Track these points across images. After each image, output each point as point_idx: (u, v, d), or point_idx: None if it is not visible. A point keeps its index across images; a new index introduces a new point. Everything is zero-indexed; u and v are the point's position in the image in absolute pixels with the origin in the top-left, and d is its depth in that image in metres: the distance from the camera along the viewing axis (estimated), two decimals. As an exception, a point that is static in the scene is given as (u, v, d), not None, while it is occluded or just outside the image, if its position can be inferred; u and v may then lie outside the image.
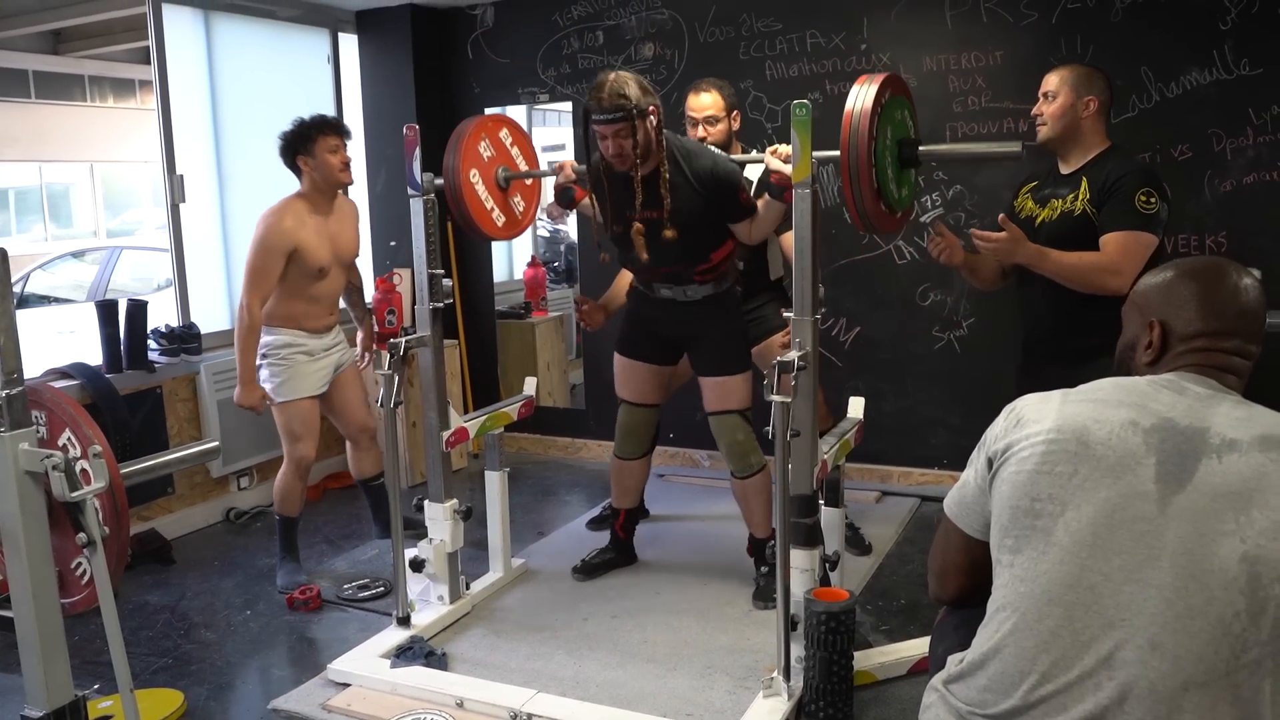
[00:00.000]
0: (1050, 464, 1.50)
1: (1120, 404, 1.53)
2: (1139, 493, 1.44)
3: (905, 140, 2.75)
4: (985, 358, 4.34)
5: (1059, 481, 1.49)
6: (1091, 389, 1.58)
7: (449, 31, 5.31)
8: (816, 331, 2.73)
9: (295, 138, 3.67)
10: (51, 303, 8.60)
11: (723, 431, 3.43)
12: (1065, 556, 1.46)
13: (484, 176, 3.46)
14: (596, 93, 3.01)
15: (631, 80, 3.03)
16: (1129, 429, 1.49)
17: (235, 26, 4.75)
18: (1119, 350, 1.75)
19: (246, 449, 4.52)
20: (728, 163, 3.23)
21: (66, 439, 2.13)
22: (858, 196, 2.61)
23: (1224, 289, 1.60)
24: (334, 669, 3.00)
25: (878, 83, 2.59)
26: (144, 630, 3.41)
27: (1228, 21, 3.86)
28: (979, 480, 1.66)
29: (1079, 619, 1.44)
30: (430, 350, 3.34)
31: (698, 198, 3.18)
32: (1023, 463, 1.54)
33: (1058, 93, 3.00)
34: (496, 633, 3.30)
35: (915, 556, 3.86)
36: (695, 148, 3.26)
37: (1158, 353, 1.63)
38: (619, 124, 3.01)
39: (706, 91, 3.66)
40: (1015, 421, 1.60)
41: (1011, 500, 1.54)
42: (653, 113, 3.07)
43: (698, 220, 3.21)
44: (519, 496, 4.61)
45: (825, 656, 2.59)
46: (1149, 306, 1.66)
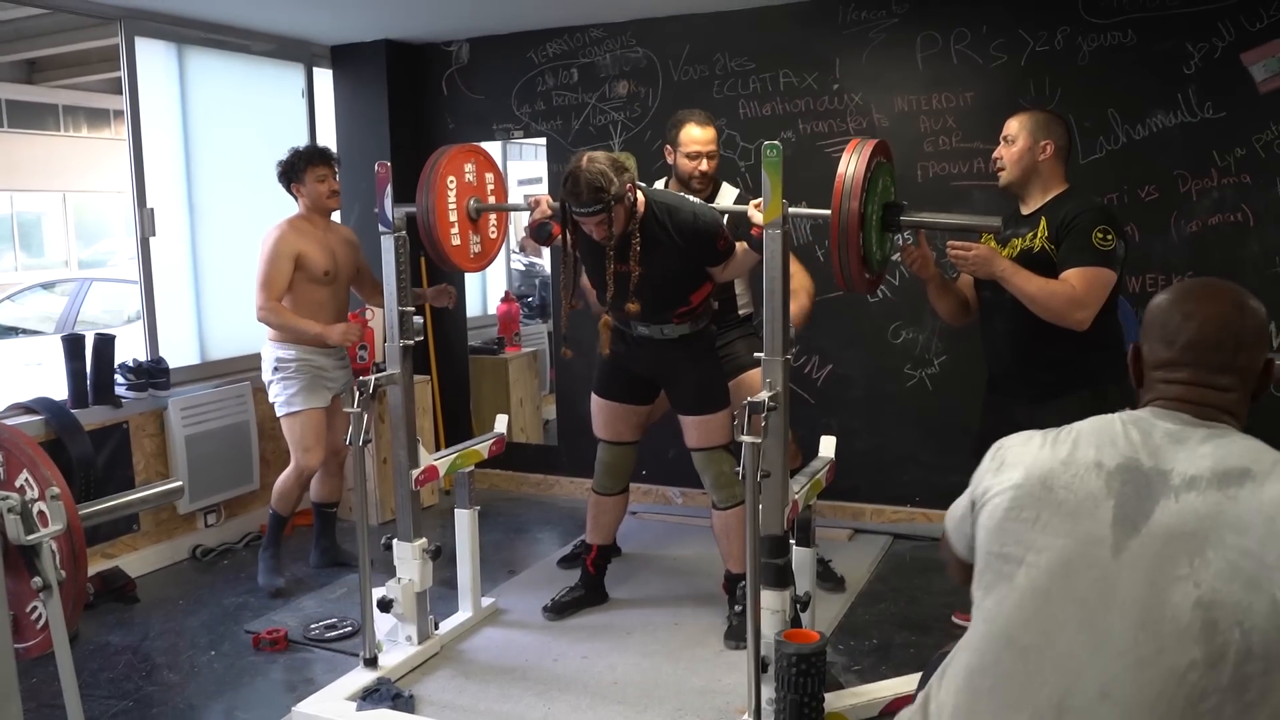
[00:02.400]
0: (1016, 510, 1.50)
1: (1090, 444, 1.50)
2: (1095, 538, 1.42)
3: (890, 205, 2.80)
4: (957, 395, 4.35)
5: (1024, 528, 1.48)
6: (1072, 429, 1.56)
7: (424, 67, 5.32)
8: (788, 371, 2.73)
9: (288, 166, 4.03)
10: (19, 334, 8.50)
11: (708, 465, 3.44)
12: (1023, 601, 1.45)
13: (458, 197, 3.47)
14: (573, 186, 3.04)
15: (605, 165, 3.05)
16: (1093, 471, 1.47)
17: (208, 60, 4.74)
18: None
19: (213, 485, 4.46)
20: (707, 212, 3.26)
21: (24, 479, 2.09)
22: (844, 260, 2.65)
23: (1178, 315, 1.54)
24: (299, 712, 2.95)
25: (869, 150, 2.64)
26: (104, 672, 3.34)
27: (1191, 66, 3.93)
28: (965, 514, 1.66)
29: (1032, 663, 1.42)
30: (400, 388, 3.31)
31: (679, 251, 3.22)
32: (994, 510, 1.53)
33: (1016, 137, 3.05)
34: (465, 674, 3.26)
35: (887, 595, 3.85)
36: (675, 201, 3.28)
37: (1138, 380, 1.61)
38: (599, 214, 3.06)
39: (707, 126, 3.68)
40: (998, 465, 1.59)
41: (984, 545, 1.54)
42: (629, 190, 3.11)
43: (677, 271, 3.25)
44: (490, 534, 4.57)
45: (796, 699, 2.56)
46: (1144, 327, 1.60)
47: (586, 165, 3.04)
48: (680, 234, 3.21)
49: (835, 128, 4.50)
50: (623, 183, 3.06)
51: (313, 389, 3.99)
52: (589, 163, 3.04)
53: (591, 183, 3.01)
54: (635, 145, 4.91)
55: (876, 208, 2.70)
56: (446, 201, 3.40)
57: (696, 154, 3.66)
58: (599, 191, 3.01)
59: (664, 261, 3.20)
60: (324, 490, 4.24)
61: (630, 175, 3.12)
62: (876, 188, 2.70)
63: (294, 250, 3.91)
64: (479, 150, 3.63)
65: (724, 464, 3.41)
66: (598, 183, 3.01)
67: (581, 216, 3.10)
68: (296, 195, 4.04)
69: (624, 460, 3.65)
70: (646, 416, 3.68)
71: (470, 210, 3.52)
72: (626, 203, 3.09)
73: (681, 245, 3.22)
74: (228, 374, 4.73)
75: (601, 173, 3.02)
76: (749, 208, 3.01)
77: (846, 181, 2.59)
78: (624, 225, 3.12)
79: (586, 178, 3.02)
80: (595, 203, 3.03)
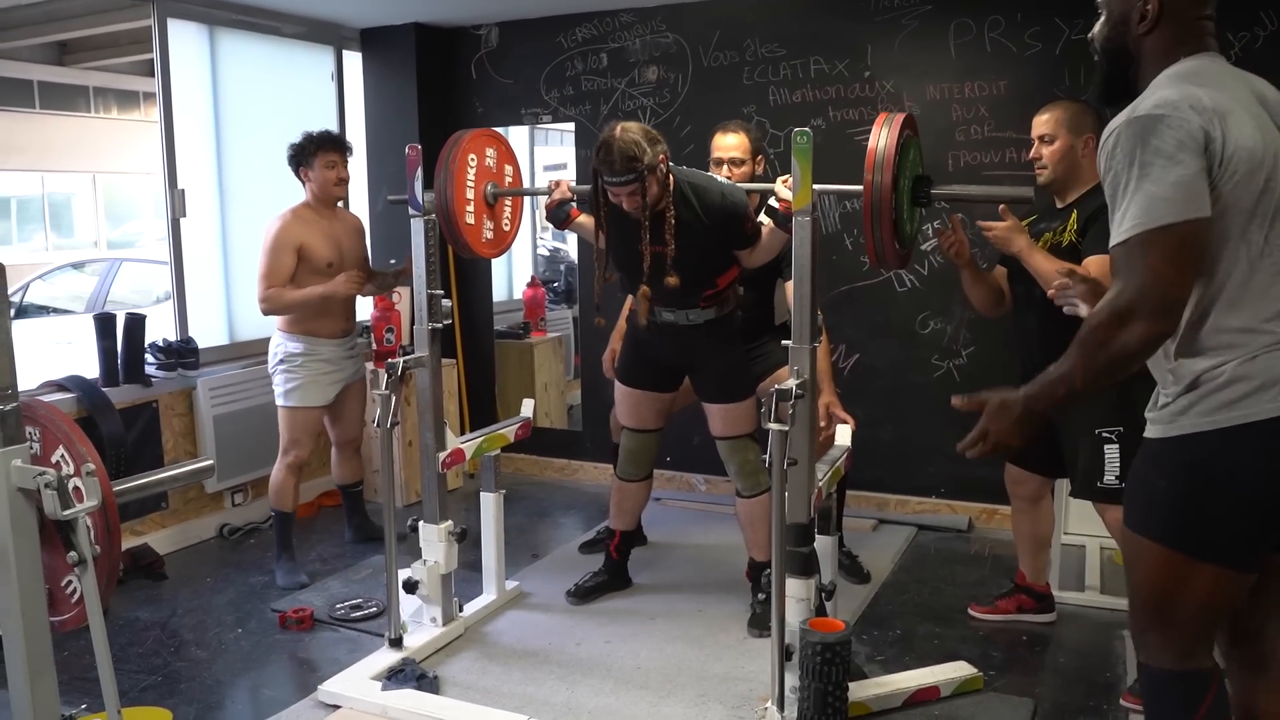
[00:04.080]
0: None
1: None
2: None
3: (920, 178, 2.77)
4: (985, 388, 4.31)
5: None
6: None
7: (453, 51, 5.32)
8: (815, 360, 2.73)
9: (298, 151, 3.96)
10: (50, 313, 8.57)
11: (733, 453, 3.43)
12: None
13: (477, 179, 3.45)
14: (606, 154, 3.01)
15: (639, 135, 3.02)
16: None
17: (240, 42, 4.75)
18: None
19: (241, 465, 4.49)
20: (735, 192, 3.24)
21: (60, 456, 2.11)
22: (877, 235, 2.62)
23: None
24: (324, 690, 2.98)
25: (898, 124, 2.61)
26: (134, 647, 3.38)
27: (1232, 55, 3.87)
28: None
29: None
30: (428, 371, 3.32)
31: (706, 231, 3.20)
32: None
33: (1054, 135, 3.00)
34: (489, 656, 3.28)
35: (911, 586, 3.84)
36: (703, 181, 3.25)
37: (1156, 20, 1.86)
38: (631, 184, 3.03)
39: (734, 133, 3.63)
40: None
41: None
42: (662, 160, 3.07)
43: (705, 252, 3.23)
44: (514, 518, 4.59)
45: (820, 688, 2.57)
46: None
47: (620, 134, 3.01)
48: (708, 214, 3.19)
49: (866, 115, 4.47)
50: (656, 153, 3.03)
51: (314, 386, 3.95)
52: (623, 131, 3.02)
53: (625, 151, 2.98)
54: (664, 131, 4.80)
55: (907, 180, 2.69)
56: (465, 179, 3.39)
57: (719, 160, 3.65)
58: (632, 160, 2.98)
59: (691, 241, 3.17)
60: (345, 472, 4.29)
61: (663, 147, 3.09)
62: (907, 159, 2.68)
63: (296, 241, 3.85)
64: (502, 139, 3.63)
65: (749, 452, 3.40)
66: (631, 151, 2.98)
67: (614, 186, 3.06)
68: (304, 180, 3.97)
69: (648, 447, 3.65)
70: (670, 404, 3.67)
71: (487, 195, 3.50)
72: (660, 174, 3.06)
73: (709, 225, 3.19)
74: (256, 355, 4.75)
75: (635, 142, 2.99)
76: (777, 184, 2.99)
77: (878, 154, 2.57)
78: (657, 197, 3.08)
79: (620, 146, 2.99)
80: (629, 171, 2.99)
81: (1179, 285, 1.70)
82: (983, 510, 4.46)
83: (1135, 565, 1.94)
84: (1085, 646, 3.28)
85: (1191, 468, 1.81)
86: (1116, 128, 1.78)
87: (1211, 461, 1.79)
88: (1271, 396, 1.73)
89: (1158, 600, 1.89)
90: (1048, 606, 3.46)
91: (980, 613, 3.52)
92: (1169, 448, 1.84)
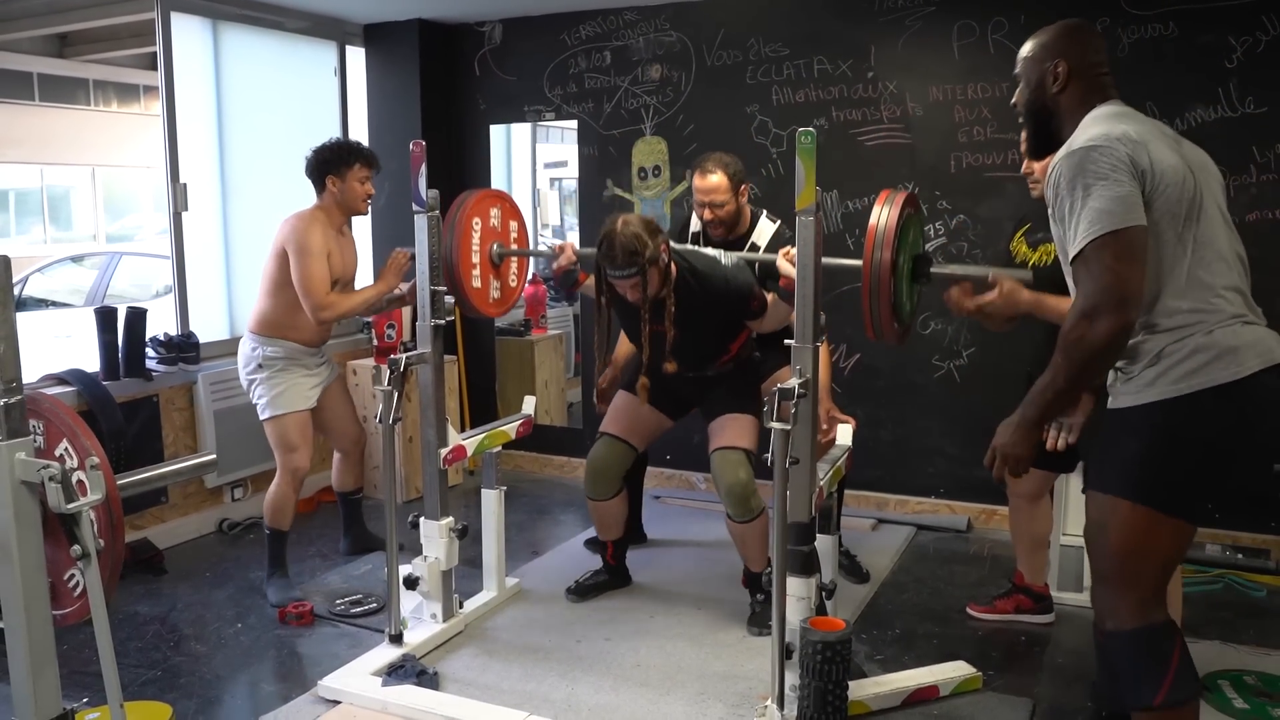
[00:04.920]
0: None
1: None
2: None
3: (920, 256, 2.82)
4: (985, 388, 4.33)
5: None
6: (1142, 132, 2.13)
7: (456, 47, 5.32)
8: (818, 359, 2.73)
9: (331, 156, 3.70)
10: (49, 306, 8.57)
11: (725, 468, 3.35)
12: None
13: (482, 241, 3.51)
14: (608, 248, 3.09)
15: (640, 228, 3.09)
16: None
17: (243, 36, 4.75)
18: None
19: (241, 460, 4.49)
20: (739, 274, 3.28)
21: (64, 449, 2.12)
22: (875, 313, 2.67)
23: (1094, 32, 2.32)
24: (324, 686, 2.98)
25: (899, 203, 2.66)
26: (133, 641, 3.38)
27: (1233, 60, 3.88)
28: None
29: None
30: (430, 367, 3.33)
31: (712, 312, 3.28)
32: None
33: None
34: (489, 653, 3.28)
35: (910, 585, 3.85)
36: (706, 267, 3.29)
37: (1064, 85, 2.24)
38: (633, 277, 3.10)
39: (713, 173, 3.59)
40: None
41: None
42: (664, 250, 3.14)
43: (712, 329, 3.33)
44: (514, 515, 4.59)
45: (820, 686, 2.58)
46: (1065, 48, 2.28)
47: (621, 229, 3.09)
48: (713, 297, 3.27)
49: (869, 116, 4.48)
50: (657, 245, 3.11)
51: (297, 390, 3.72)
52: (623, 225, 3.09)
53: (626, 246, 3.06)
54: (667, 130, 4.90)
55: (907, 258, 2.74)
56: (470, 245, 3.45)
57: (700, 203, 3.65)
58: (634, 255, 3.06)
59: (700, 320, 3.27)
60: (346, 478, 4.10)
61: (664, 237, 3.17)
62: (907, 238, 2.73)
63: (327, 247, 3.63)
64: (505, 197, 3.68)
65: (741, 469, 3.33)
66: (632, 246, 3.06)
67: (616, 279, 3.14)
68: (327, 188, 3.70)
69: (617, 462, 3.56)
70: (660, 431, 3.66)
71: (493, 255, 3.55)
72: (661, 264, 3.14)
73: (714, 307, 3.28)
74: (256, 350, 4.76)
75: (636, 235, 3.07)
76: (779, 258, 3.01)
77: (879, 232, 2.63)
78: (658, 287, 3.17)
79: (621, 241, 3.07)
80: (630, 265, 3.07)
81: (1132, 281, 2.00)
82: (982, 511, 4.46)
83: (1104, 526, 2.16)
84: (1084, 647, 3.28)
85: (1159, 429, 2.09)
86: (1058, 163, 2.11)
87: (1177, 423, 2.07)
88: (1225, 364, 2.04)
89: (1124, 556, 2.13)
90: (1046, 607, 3.47)
91: (979, 612, 3.53)
92: (1138, 414, 2.11)
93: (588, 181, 5.16)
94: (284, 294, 3.65)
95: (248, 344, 3.75)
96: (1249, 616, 3.55)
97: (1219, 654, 3.20)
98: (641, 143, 4.97)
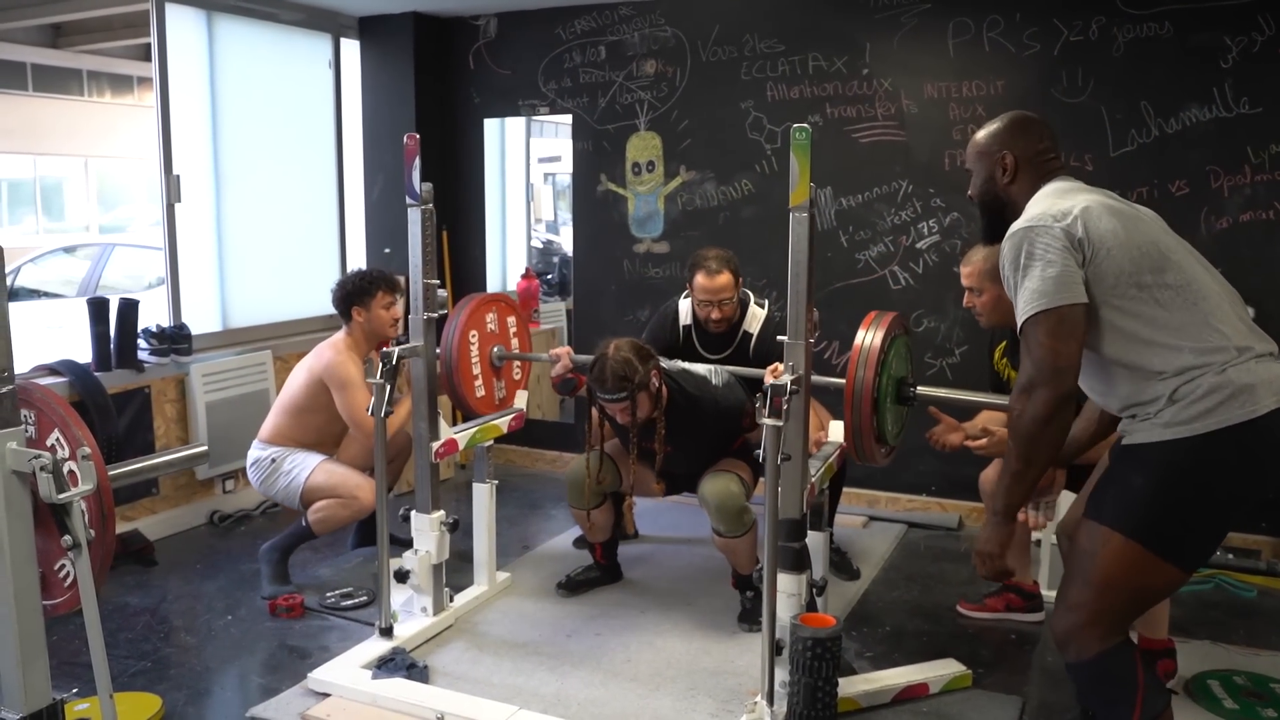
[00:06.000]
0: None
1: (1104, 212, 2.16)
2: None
3: (903, 380, 2.88)
4: (977, 386, 4.32)
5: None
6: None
7: (451, 41, 5.31)
8: (810, 355, 2.73)
9: (354, 289, 3.78)
10: (42, 297, 8.54)
11: (715, 484, 3.32)
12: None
13: (481, 349, 3.62)
14: (599, 373, 3.15)
15: (630, 354, 3.16)
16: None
17: (237, 27, 4.74)
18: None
19: (233, 453, 4.47)
20: (728, 395, 3.36)
21: (55, 439, 2.11)
22: (856, 429, 2.74)
23: (1039, 122, 2.37)
24: (314, 678, 2.98)
25: (885, 325, 2.73)
26: (123, 632, 3.38)
27: (1229, 60, 3.89)
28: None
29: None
30: (423, 361, 3.32)
31: (704, 430, 3.38)
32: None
33: (980, 289, 3.07)
34: (479, 647, 3.28)
35: (901, 583, 3.85)
36: (696, 389, 3.36)
37: (1014, 175, 2.29)
38: (623, 402, 3.16)
39: (720, 273, 3.61)
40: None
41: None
42: (654, 376, 3.21)
43: (706, 443, 3.45)
44: (506, 509, 4.59)
45: (810, 683, 2.58)
46: (1012, 139, 2.31)
47: (613, 354, 3.15)
48: (705, 417, 3.35)
49: (864, 113, 4.48)
50: (647, 371, 3.17)
51: (308, 453, 3.75)
52: (615, 351, 3.16)
53: (616, 371, 3.12)
54: (661, 125, 4.89)
55: (890, 382, 2.80)
56: (469, 357, 3.57)
57: (705, 303, 3.67)
58: (623, 380, 3.12)
59: (692, 437, 3.36)
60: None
61: (655, 363, 3.23)
62: (892, 362, 2.80)
63: (362, 374, 3.68)
64: (498, 300, 3.78)
65: (732, 484, 3.32)
66: (622, 371, 3.12)
67: (606, 402, 3.19)
68: (354, 318, 3.76)
69: (596, 481, 3.49)
70: (648, 491, 3.66)
71: (494, 359, 3.66)
72: (651, 389, 3.21)
73: (707, 423, 3.36)
74: (249, 342, 4.76)
75: (626, 360, 3.14)
76: (766, 375, 3.00)
77: (863, 352, 2.71)
78: (648, 410, 3.24)
79: (612, 366, 3.13)
80: (620, 390, 3.13)
81: (1065, 354, 2.07)
82: (973, 509, 4.47)
83: (1093, 555, 2.14)
84: (1073, 645, 3.29)
85: (1169, 467, 2.06)
86: (1004, 243, 2.19)
87: (1189, 463, 2.05)
88: (1240, 403, 2.02)
89: (1104, 589, 2.12)
90: (1036, 605, 3.48)
91: (969, 610, 3.54)
92: (1150, 450, 2.09)
93: (582, 176, 5.15)
94: (306, 418, 3.76)
95: (256, 451, 3.80)
96: (1239, 617, 3.57)
97: (1209, 654, 3.21)
98: (636, 138, 4.96)
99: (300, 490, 3.69)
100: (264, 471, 3.76)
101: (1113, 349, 2.12)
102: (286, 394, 3.81)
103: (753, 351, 3.69)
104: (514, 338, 3.81)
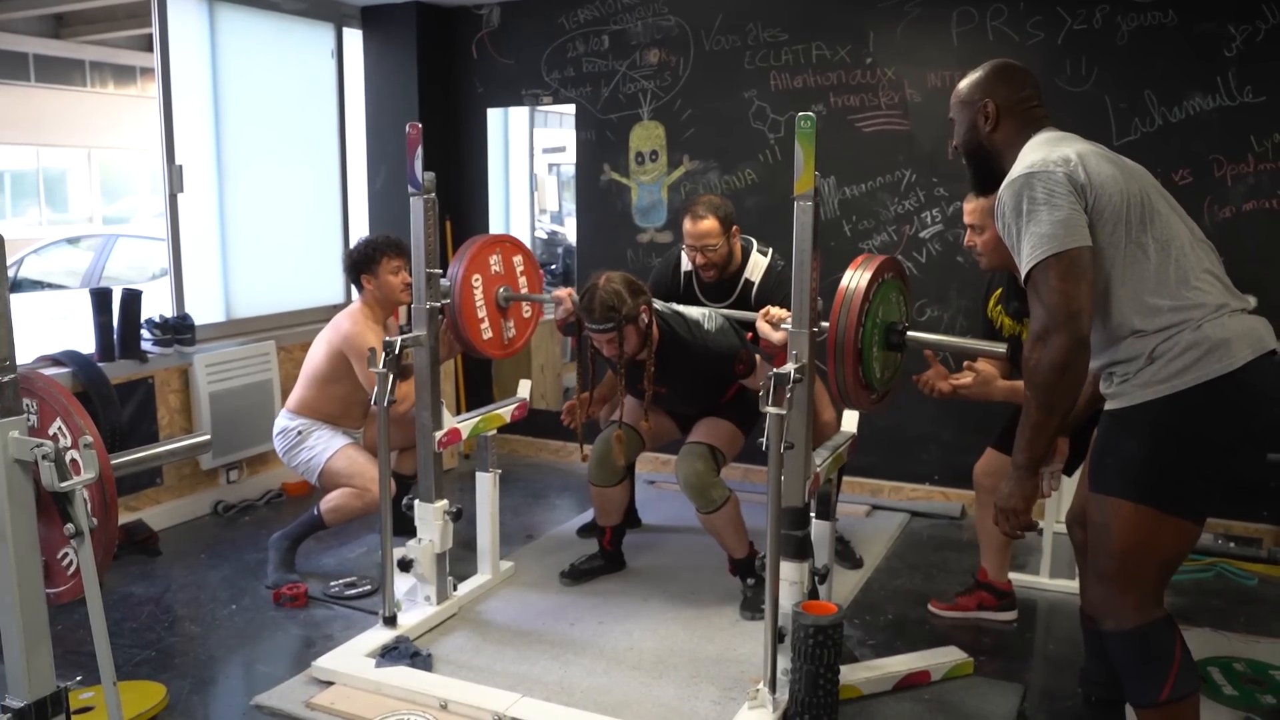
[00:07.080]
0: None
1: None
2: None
3: (892, 325, 2.81)
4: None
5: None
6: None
7: (454, 30, 5.30)
8: (814, 344, 2.73)
9: (360, 257, 3.83)
10: (45, 288, 8.56)
11: (684, 460, 3.41)
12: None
13: (485, 291, 3.56)
14: (588, 301, 3.16)
15: (621, 285, 3.16)
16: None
17: (239, 17, 4.73)
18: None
19: (236, 442, 4.49)
20: (720, 340, 3.34)
21: (57, 428, 2.12)
22: (840, 375, 2.70)
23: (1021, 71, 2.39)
24: (318, 666, 2.99)
25: (874, 266, 2.68)
26: (127, 622, 3.39)
27: (1232, 49, 3.87)
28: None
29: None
30: (426, 350, 3.33)
31: (698, 372, 3.38)
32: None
33: (982, 225, 3.01)
34: (482, 635, 3.29)
35: (904, 571, 3.86)
36: (688, 334, 3.35)
37: (997, 123, 2.31)
38: (610, 332, 3.16)
39: (704, 218, 3.60)
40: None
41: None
42: (643, 312, 3.20)
43: (700, 386, 3.47)
44: (509, 499, 4.60)
45: (812, 670, 2.59)
46: (994, 88, 2.32)
47: (604, 284, 3.16)
48: (697, 359, 3.34)
49: (867, 102, 4.47)
50: (636, 304, 3.17)
51: (333, 434, 3.82)
52: (605, 282, 3.17)
53: (605, 301, 3.13)
54: (665, 114, 4.89)
55: (879, 326, 2.74)
56: (474, 300, 3.51)
57: (691, 248, 3.67)
58: (611, 310, 3.13)
59: (687, 377, 3.36)
60: (404, 464, 4.05)
61: (646, 298, 3.21)
62: (887, 299, 2.74)
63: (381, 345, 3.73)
64: (502, 241, 3.70)
65: (698, 461, 3.37)
66: (611, 301, 3.13)
67: (594, 332, 3.20)
68: (364, 286, 3.84)
69: (623, 450, 3.56)
70: (668, 437, 3.74)
71: (499, 299, 3.61)
72: (640, 324, 3.20)
73: (700, 365, 3.35)
74: (252, 332, 4.76)
75: (616, 292, 3.14)
76: (759, 319, 3.02)
77: (847, 295, 2.64)
78: (636, 346, 3.23)
79: (601, 296, 3.14)
80: (606, 320, 3.14)
81: (1078, 298, 2.05)
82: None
83: (1107, 527, 2.17)
84: (1075, 633, 3.28)
85: (1157, 427, 2.11)
86: (1001, 192, 2.18)
87: (1175, 420, 2.09)
88: (1218, 357, 2.07)
89: (1126, 556, 2.15)
90: (1009, 605, 3.43)
91: (940, 610, 3.48)
92: (1135, 413, 2.13)
93: (585, 166, 5.15)
94: (330, 389, 3.82)
95: (284, 420, 3.87)
96: (1240, 604, 3.57)
97: (1209, 641, 3.22)
98: (639, 127, 4.96)
99: (319, 470, 3.77)
100: (290, 441, 3.84)
101: (1097, 300, 2.12)
102: (309, 366, 3.88)
103: (754, 300, 3.67)
104: (521, 275, 3.71)
